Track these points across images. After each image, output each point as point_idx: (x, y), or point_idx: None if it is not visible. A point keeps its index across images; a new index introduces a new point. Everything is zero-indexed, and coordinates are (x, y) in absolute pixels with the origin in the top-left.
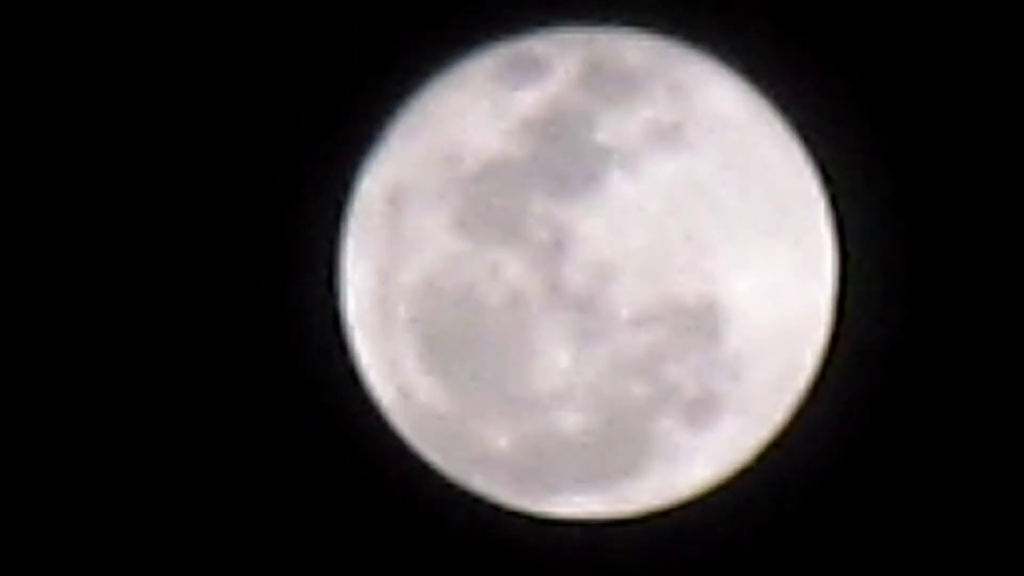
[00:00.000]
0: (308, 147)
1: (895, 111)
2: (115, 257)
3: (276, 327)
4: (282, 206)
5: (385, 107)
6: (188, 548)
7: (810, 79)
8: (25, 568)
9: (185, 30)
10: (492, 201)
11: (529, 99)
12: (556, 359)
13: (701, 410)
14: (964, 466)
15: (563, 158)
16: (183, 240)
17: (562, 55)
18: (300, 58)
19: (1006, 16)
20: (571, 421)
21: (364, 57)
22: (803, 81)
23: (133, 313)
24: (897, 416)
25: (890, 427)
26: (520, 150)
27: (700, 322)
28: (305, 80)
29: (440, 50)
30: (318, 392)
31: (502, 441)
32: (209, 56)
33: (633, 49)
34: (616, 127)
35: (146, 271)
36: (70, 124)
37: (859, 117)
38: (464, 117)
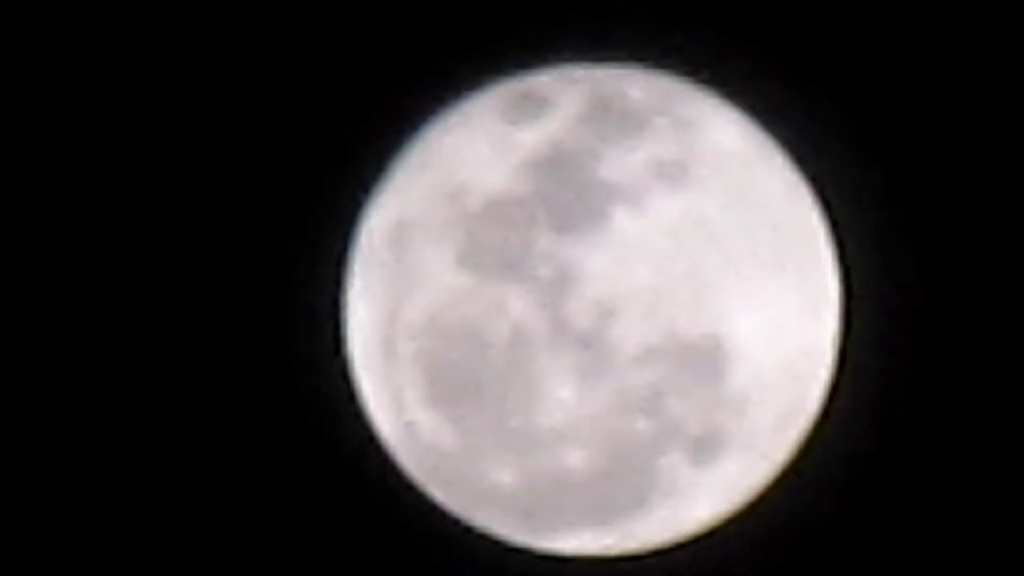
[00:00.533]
0: (313, 184)
1: (899, 148)
2: (123, 286)
3: (280, 363)
4: (286, 242)
5: (390, 144)
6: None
7: (814, 116)
8: (18, 569)
9: (190, 67)
10: (496, 238)
11: (533, 136)
12: (560, 395)
13: (705, 447)
14: (971, 503)
15: (567, 195)
16: (188, 274)
17: (566, 92)
18: (305, 96)
19: (1010, 56)
20: (575, 457)
21: (369, 94)
22: (808, 118)
23: (137, 345)
24: (903, 452)
25: (896, 463)
26: (524, 187)
27: (704, 359)
28: (310, 117)
29: (445, 87)
30: (322, 428)
31: (506, 477)
32: (214, 92)
33: (637, 86)
34: (620, 164)
35: (149, 306)
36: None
37: (863, 154)
38: (468, 154)
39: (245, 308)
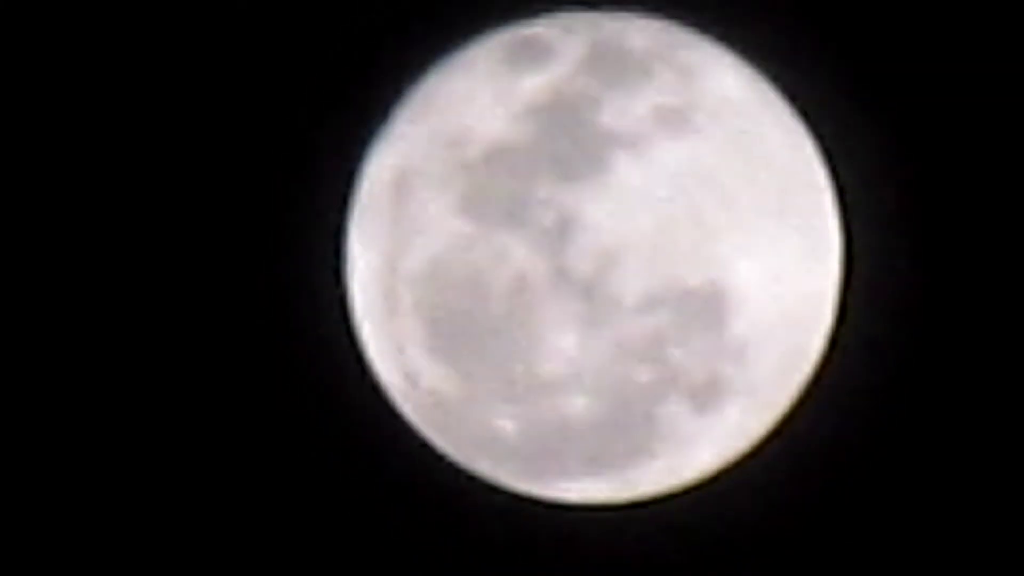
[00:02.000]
0: (313, 132)
1: (902, 97)
2: (118, 244)
3: (281, 313)
4: (287, 191)
5: (390, 92)
6: (192, 532)
7: (817, 65)
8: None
9: (190, 16)
10: (497, 186)
11: (534, 83)
12: (562, 344)
13: (707, 395)
14: (969, 453)
15: (568, 143)
16: (188, 225)
17: (567, 39)
18: (305, 45)
19: (1011, 4)
20: (577, 406)
21: (369, 42)
22: (810, 67)
23: (138, 300)
24: (903, 401)
25: (896, 412)
26: (525, 134)
27: (706, 307)
28: (310, 66)
29: (445, 35)
30: (324, 377)
31: (508, 426)
32: (214, 43)
33: (639, 33)
34: (622, 111)
35: (150, 258)
36: (74, 112)
37: (866, 102)
38: (469, 102)
39: (246, 258)
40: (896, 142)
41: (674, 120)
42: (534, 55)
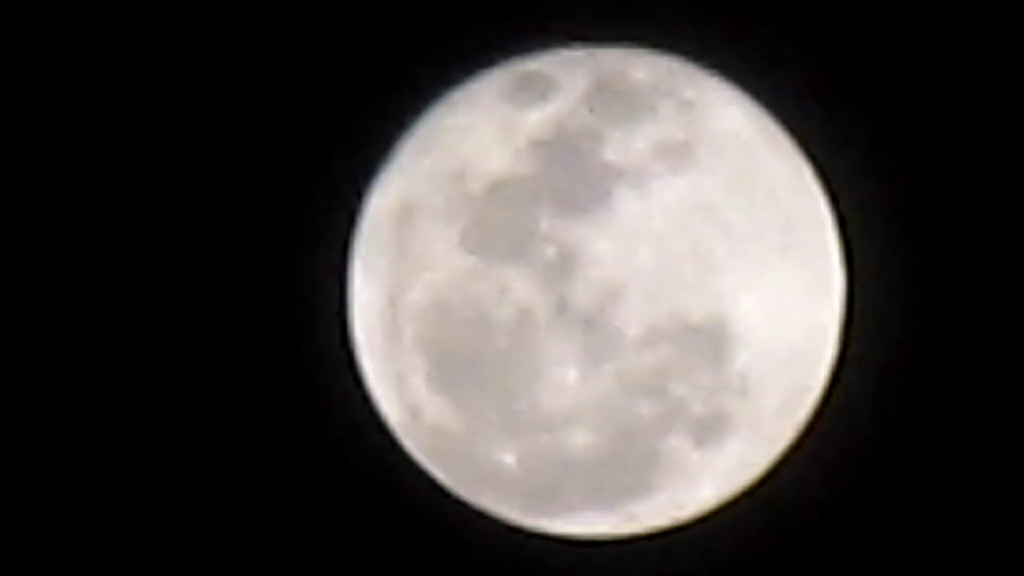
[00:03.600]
0: (317, 165)
1: (903, 131)
2: (123, 273)
3: (284, 345)
4: (291, 224)
5: (394, 125)
6: (189, 558)
7: (818, 98)
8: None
9: (193, 49)
10: (500, 219)
11: (537, 118)
12: (564, 377)
13: (709, 429)
14: (974, 483)
15: (571, 177)
16: (192, 257)
17: (570, 74)
18: (309, 77)
19: (1015, 29)
20: (579, 439)
21: (373, 75)
22: (811, 100)
23: (142, 330)
24: (906, 434)
25: (899, 445)
26: (528, 168)
27: (708, 341)
28: (314, 99)
29: (449, 69)
30: (326, 410)
31: (510, 459)
32: (218, 74)
33: (640, 68)
34: (624, 146)
35: (154, 287)
36: (81, 155)
37: (867, 136)
38: (472, 135)
39: (249, 290)
40: (898, 174)
41: (676, 154)
42: (537, 90)
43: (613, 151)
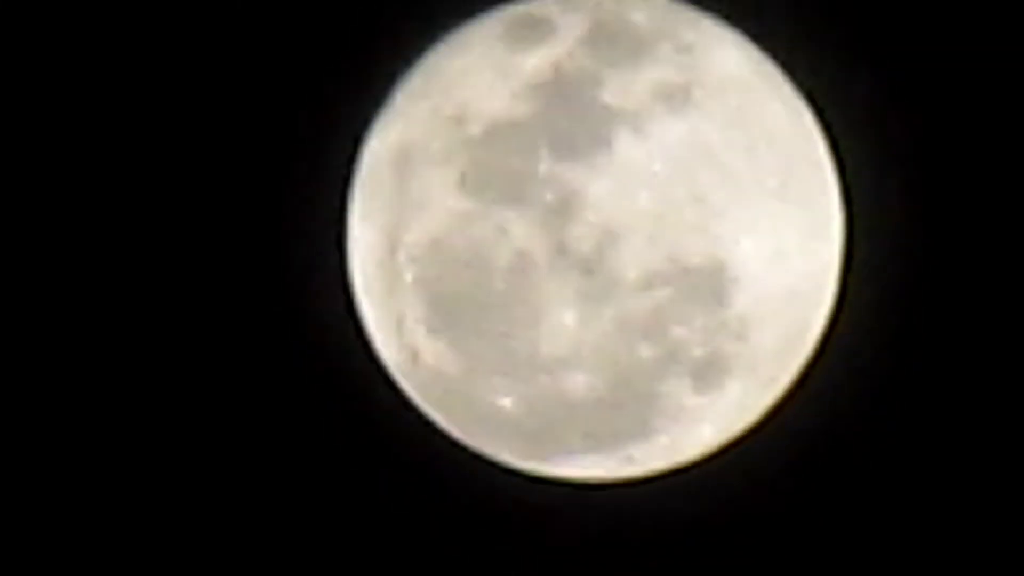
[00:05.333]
0: (314, 110)
1: (903, 73)
2: (119, 218)
3: (283, 288)
4: (289, 169)
5: (391, 70)
6: (192, 504)
7: (818, 41)
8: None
9: None
10: (498, 162)
11: (535, 61)
12: (563, 320)
13: (708, 372)
14: (970, 430)
15: (569, 120)
16: (189, 202)
17: (569, 16)
18: (307, 21)
19: None
20: (577, 383)
21: (370, 20)
22: (810, 42)
23: (138, 277)
24: (904, 378)
25: (897, 389)
26: (526, 111)
27: (707, 284)
28: (312, 45)
29: (447, 12)
30: (324, 353)
31: (508, 402)
32: (215, 23)
33: (640, 10)
34: (622, 89)
35: (150, 234)
36: (77, 101)
37: (868, 79)
38: (471, 79)
39: (247, 234)
40: (899, 118)
41: (675, 97)
42: (535, 32)
43: (612, 94)
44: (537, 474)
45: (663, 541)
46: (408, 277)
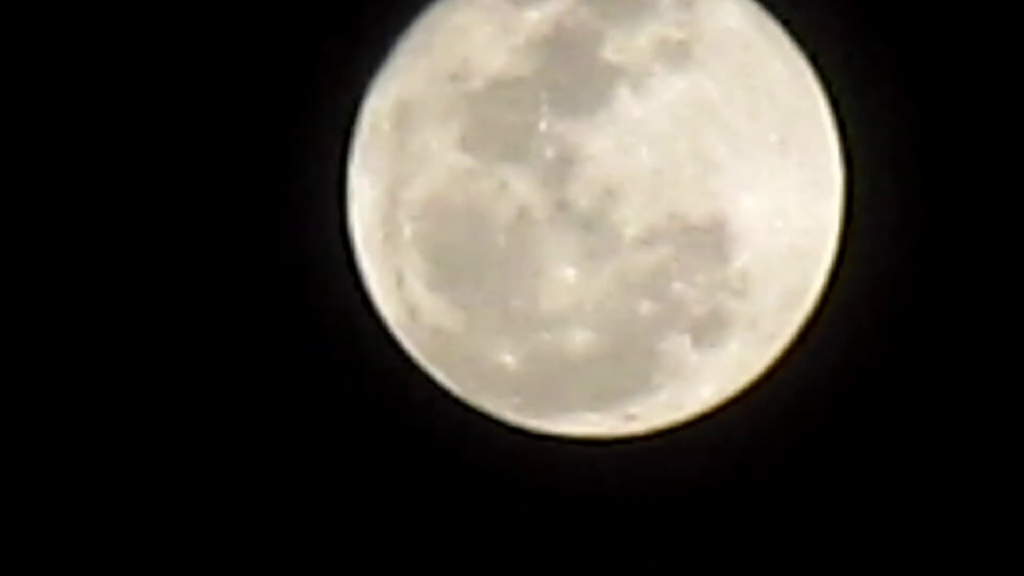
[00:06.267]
0: (314, 66)
1: (902, 30)
2: (120, 181)
3: (283, 245)
4: (289, 125)
5: (391, 26)
6: (194, 469)
7: None
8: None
9: None
10: (499, 119)
11: (536, 17)
12: (563, 277)
13: (708, 329)
14: (969, 388)
15: (570, 76)
16: (189, 158)
17: None
18: None
19: None
20: (578, 339)
21: None
22: (811, 1)
23: (141, 236)
24: (904, 335)
25: (897, 347)
26: (527, 68)
27: (707, 241)
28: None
29: None
30: (325, 310)
31: (509, 359)
32: None
33: None
34: (623, 45)
35: (154, 191)
36: (78, 86)
37: (866, 35)
38: (471, 35)
39: (248, 190)
40: (898, 75)
41: (676, 54)
42: None
43: (612, 50)
44: (537, 431)
45: (664, 498)
46: (408, 233)
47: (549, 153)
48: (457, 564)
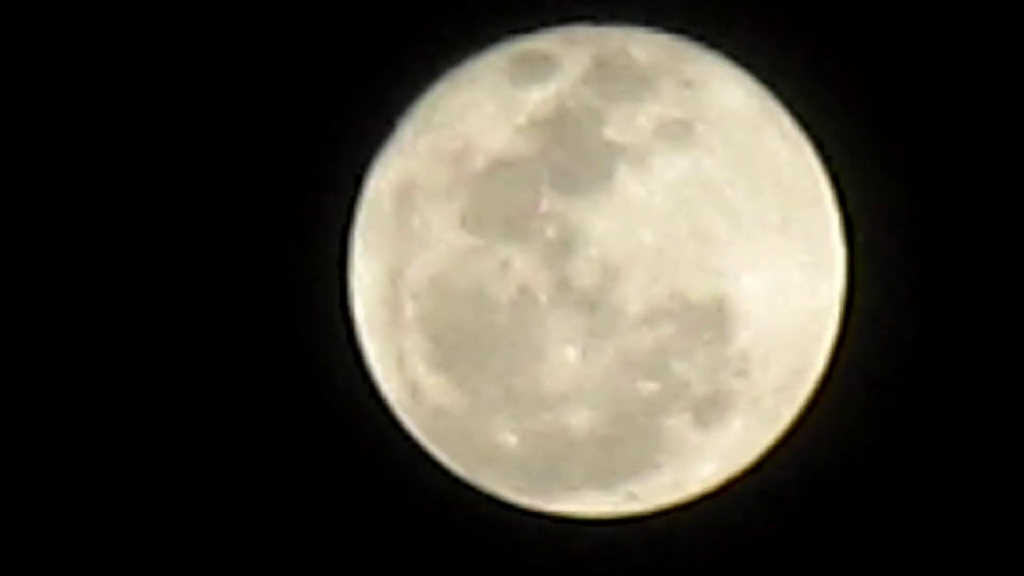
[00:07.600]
0: (317, 144)
1: (904, 108)
2: (122, 253)
3: (285, 323)
4: (292, 202)
5: (395, 104)
6: (190, 539)
7: (819, 76)
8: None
9: (196, 27)
10: (501, 198)
11: (538, 96)
12: (565, 357)
13: (710, 408)
14: (973, 467)
15: (572, 155)
16: (193, 236)
17: (571, 52)
18: (311, 55)
19: (1014, 18)
20: (580, 419)
21: (375, 54)
22: (812, 78)
23: (141, 308)
24: (906, 415)
25: (899, 426)
26: (529, 147)
27: (709, 320)
28: (316, 77)
29: (450, 47)
30: (326, 389)
31: (511, 439)
32: (221, 53)
33: (642, 46)
34: (625, 124)
35: (155, 269)
36: (83, 126)
37: (868, 114)
38: (474, 114)
39: (250, 269)
40: (899, 153)
41: (677, 133)
42: (537, 68)
43: (614, 130)
44: (539, 511)
45: None
46: (410, 313)
47: (550, 232)
48: None
